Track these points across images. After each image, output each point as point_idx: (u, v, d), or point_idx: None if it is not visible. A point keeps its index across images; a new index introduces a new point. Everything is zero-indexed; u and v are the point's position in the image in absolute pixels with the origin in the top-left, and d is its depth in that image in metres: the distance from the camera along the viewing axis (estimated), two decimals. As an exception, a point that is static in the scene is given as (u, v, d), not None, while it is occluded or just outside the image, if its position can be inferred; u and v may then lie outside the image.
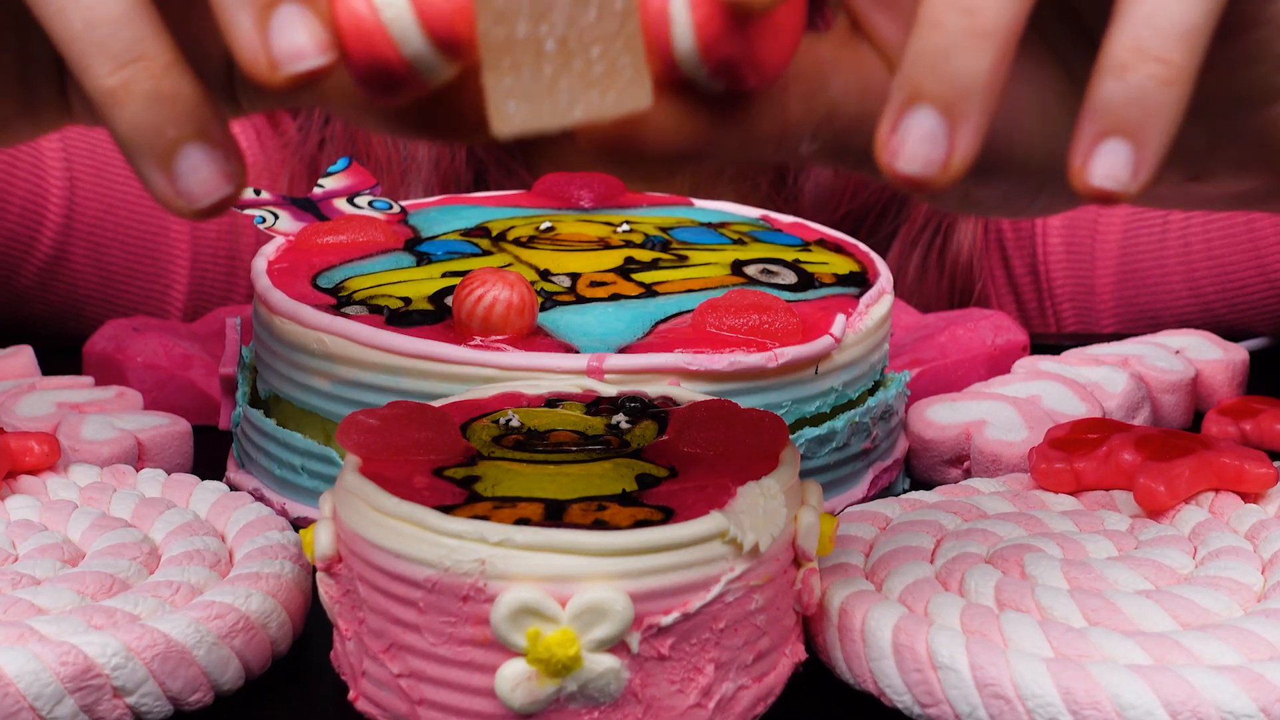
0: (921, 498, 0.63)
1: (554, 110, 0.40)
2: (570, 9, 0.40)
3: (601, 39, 0.40)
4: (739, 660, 0.52)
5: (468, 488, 0.52)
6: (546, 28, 0.40)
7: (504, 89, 0.40)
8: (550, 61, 0.40)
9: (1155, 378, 0.75)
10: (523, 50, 0.40)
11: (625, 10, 0.40)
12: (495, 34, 0.40)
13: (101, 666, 0.52)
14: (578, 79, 0.40)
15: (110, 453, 0.68)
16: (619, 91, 0.40)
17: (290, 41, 0.40)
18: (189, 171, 0.42)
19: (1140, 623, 0.54)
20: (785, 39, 0.41)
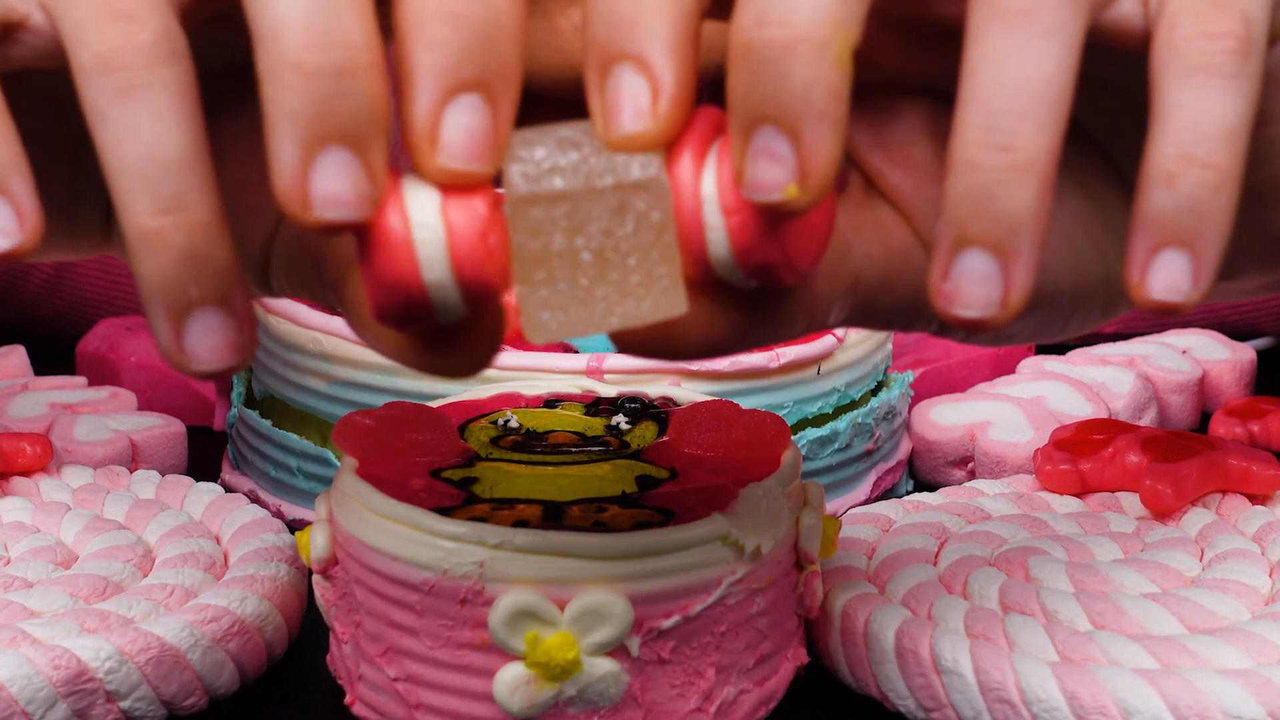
0: (925, 499, 0.63)
1: (589, 320, 0.40)
2: (607, 222, 0.40)
3: (637, 250, 0.40)
4: (740, 664, 0.52)
5: (465, 489, 0.52)
6: (582, 240, 0.40)
7: (538, 300, 0.40)
8: (586, 273, 0.40)
9: (1162, 378, 0.75)
10: (558, 262, 0.40)
11: (661, 223, 0.40)
12: (531, 246, 0.40)
13: (95, 670, 0.52)
14: (613, 289, 0.40)
15: (104, 454, 0.68)
16: (654, 300, 0.40)
17: (331, 186, 0.39)
18: (199, 334, 0.41)
19: (1146, 626, 0.54)
20: (819, 235, 0.42)
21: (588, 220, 0.40)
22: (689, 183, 0.40)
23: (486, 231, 0.40)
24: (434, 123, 0.39)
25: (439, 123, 0.39)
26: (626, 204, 0.40)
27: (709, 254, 0.41)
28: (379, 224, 0.40)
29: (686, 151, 0.40)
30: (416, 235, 0.40)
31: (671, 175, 0.40)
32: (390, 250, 0.40)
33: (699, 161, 0.40)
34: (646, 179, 0.40)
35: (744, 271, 0.41)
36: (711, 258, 0.41)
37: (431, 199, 0.40)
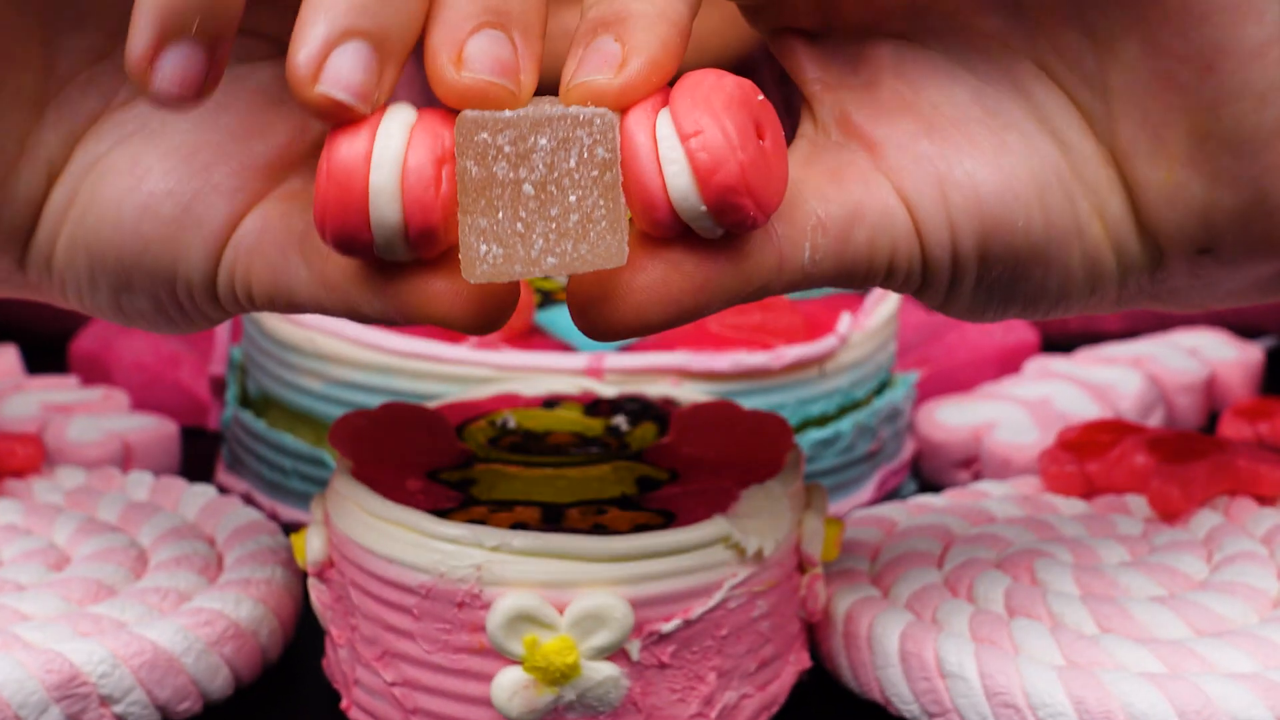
0: (929, 501, 0.63)
1: (527, 257, 0.41)
2: (551, 154, 0.41)
3: (579, 187, 0.41)
4: (742, 668, 0.52)
5: (463, 491, 0.52)
6: (525, 170, 0.41)
7: (477, 229, 0.41)
8: (526, 207, 0.41)
9: (1169, 378, 0.75)
10: (500, 191, 0.41)
11: (606, 160, 0.41)
12: (474, 172, 0.41)
13: (88, 675, 0.52)
14: (553, 227, 0.41)
15: (97, 455, 0.68)
16: (592, 244, 0.41)
17: (345, 69, 0.41)
18: (177, 60, 0.41)
19: (1154, 630, 0.54)
20: (776, 172, 0.43)
21: (532, 149, 0.41)
22: (645, 127, 0.42)
23: (442, 160, 0.41)
24: (459, 45, 0.41)
25: (464, 45, 0.41)
26: (572, 136, 0.41)
27: (670, 194, 0.42)
28: (337, 161, 0.42)
29: (643, 104, 0.42)
30: (378, 143, 0.41)
31: (626, 123, 0.42)
32: (349, 148, 0.41)
33: (653, 111, 0.42)
34: (594, 113, 0.41)
35: (707, 202, 0.42)
36: (673, 196, 0.42)
37: (405, 118, 0.42)
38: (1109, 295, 0.47)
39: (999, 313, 0.48)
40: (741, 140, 0.42)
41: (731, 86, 0.42)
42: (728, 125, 0.41)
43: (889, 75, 0.46)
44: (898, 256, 0.45)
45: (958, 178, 0.45)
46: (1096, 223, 0.46)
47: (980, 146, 0.45)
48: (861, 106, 0.46)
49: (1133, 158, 0.45)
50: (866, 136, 0.46)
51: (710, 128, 0.41)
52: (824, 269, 0.45)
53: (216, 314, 0.47)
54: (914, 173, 0.45)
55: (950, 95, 0.46)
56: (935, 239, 0.45)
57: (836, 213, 0.45)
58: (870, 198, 0.45)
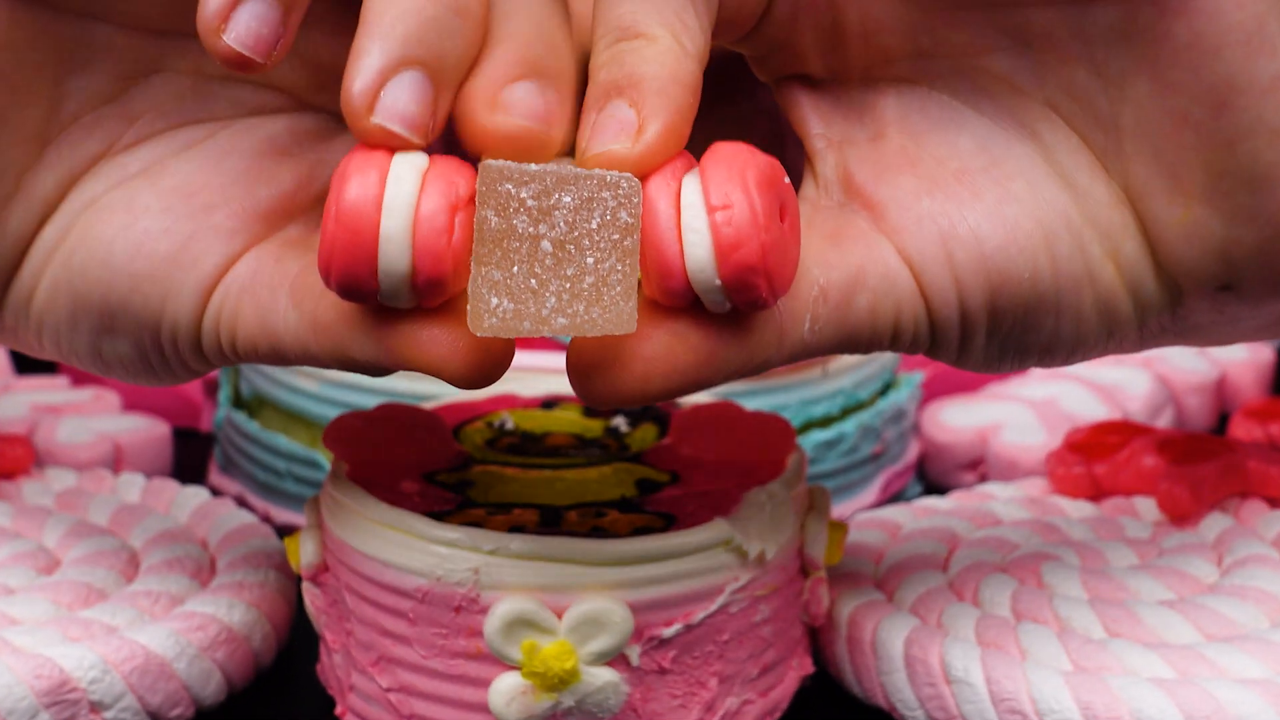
0: (935, 504, 0.63)
1: (537, 314, 0.41)
2: (574, 213, 0.41)
3: (598, 249, 0.41)
4: (744, 674, 0.52)
5: (460, 493, 0.52)
6: (546, 226, 0.41)
7: (490, 282, 0.41)
8: (542, 264, 0.41)
9: (1178, 378, 0.75)
10: (518, 245, 0.41)
11: (628, 225, 0.41)
12: (494, 223, 0.41)
13: (78, 680, 0.52)
14: (567, 287, 0.41)
15: (87, 456, 0.68)
16: (604, 309, 0.41)
17: (401, 100, 0.41)
18: (250, 16, 0.42)
19: (1163, 634, 0.54)
20: (791, 251, 0.43)
21: (555, 206, 0.40)
22: (668, 193, 0.42)
23: (455, 208, 0.41)
24: (497, 91, 0.42)
25: (502, 92, 0.42)
26: (596, 197, 0.41)
27: (687, 264, 0.42)
28: (358, 167, 0.41)
29: (664, 169, 0.42)
30: (389, 188, 0.41)
31: (649, 189, 0.42)
32: (359, 190, 0.41)
33: (677, 178, 0.42)
34: (621, 177, 0.41)
35: (723, 277, 0.42)
36: (689, 267, 0.42)
37: (417, 163, 0.41)
38: (1129, 337, 0.47)
39: (1016, 364, 0.47)
40: (767, 221, 0.42)
41: (764, 165, 0.42)
42: (757, 203, 0.41)
43: (893, 128, 0.46)
44: (903, 319, 0.45)
45: (961, 234, 0.45)
46: (1110, 267, 0.46)
47: (984, 199, 0.45)
48: (864, 164, 0.46)
49: (1147, 197, 0.45)
50: (868, 197, 0.46)
51: (740, 203, 0.41)
52: (824, 338, 0.45)
53: (197, 364, 0.47)
54: (916, 233, 0.45)
55: (954, 145, 0.46)
56: (941, 299, 0.45)
57: (837, 279, 0.45)
58: (872, 261, 0.45)
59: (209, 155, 0.47)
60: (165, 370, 0.47)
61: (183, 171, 0.46)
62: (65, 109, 0.46)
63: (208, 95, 0.47)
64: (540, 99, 0.42)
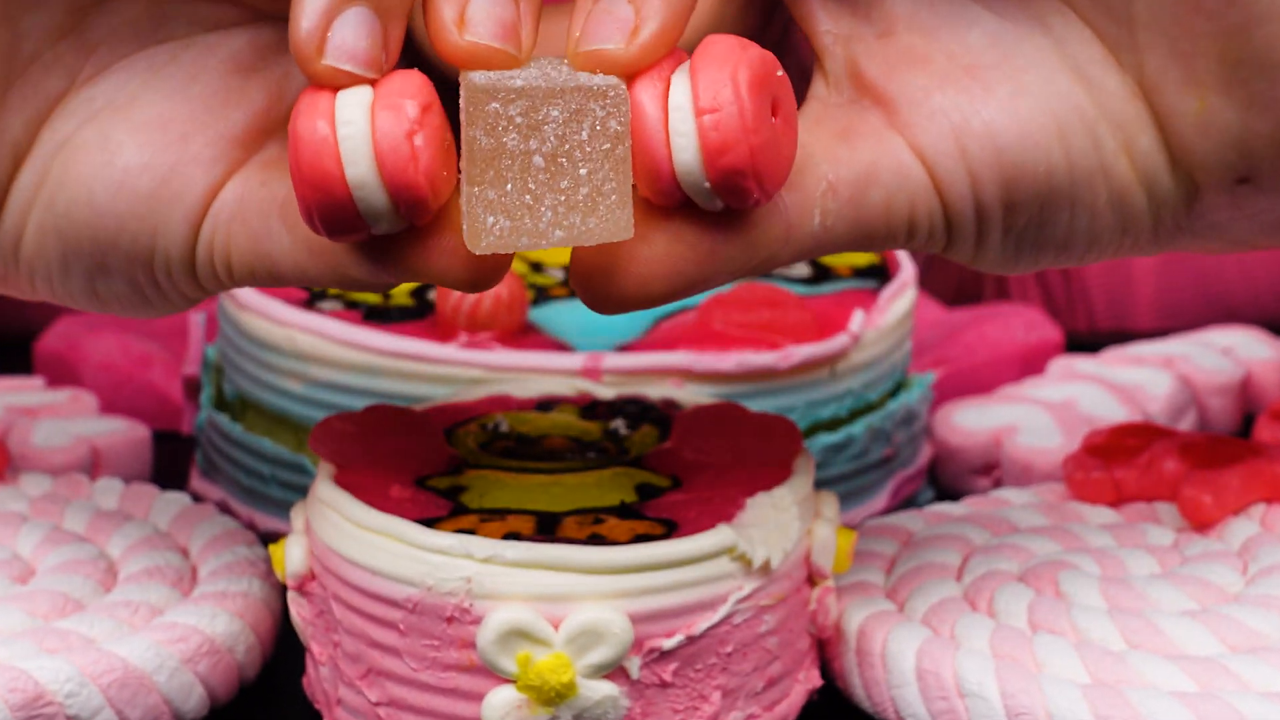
0: (947, 510, 0.63)
1: (534, 229, 0.42)
2: (563, 126, 0.42)
3: (590, 160, 0.42)
4: (748, 687, 0.52)
5: (452, 499, 0.52)
6: (536, 142, 0.42)
7: (484, 201, 0.42)
8: (535, 178, 0.42)
9: (1202, 379, 0.75)
10: (509, 163, 0.42)
11: (618, 134, 0.42)
12: (484, 143, 0.42)
13: (54, 694, 0.52)
14: (562, 200, 0.42)
15: (63, 461, 0.68)
16: (600, 218, 0.42)
17: (349, 37, 0.42)
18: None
19: (1185, 646, 0.54)
20: (784, 150, 0.44)
21: (544, 121, 0.42)
22: (655, 94, 0.43)
23: (413, 132, 0.42)
24: (461, 4, 0.43)
25: (466, 4, 0.43)
26: (584, 108, 0.42)
27: (675, 167, 0.43)
28: (305, 123, 0.42)
29: (652, 71, 0.43)
30: (341, 132, 0.42)
31: (636, 90, 0.43)
32: (315, 147, 0.42)
33: (664, 78, 0.43)
34: (607, 85, 0.42)
35: (711, 180, 0.43)
36: (677, 169, 0.43)
37: (361, 99, 0.43)
38: (1143, 234, 0.48)
39: (1031, 262, 0.48)
40: (756, 122, 0.43)
41: (756, 60, 0.43)
42: (746, 105, 0.42)
43: (902, 25, 0.47)
44: (917, 214, 0.46)
45: (975, 128, 0.46)
46: (1124, 159, 0.47)
47: (997, 93, 0.46)
48: (874, 61, 0.47)
49: (1162, 89, 0.46)
50: (879, 93, 0.47)
51: (728, 105, 0.42)
52: (837, 233, 0.46)
53: (195, 292, 0.48)
54: (929, 128, 0.46)
55: (966, 41, 0.47)
56: (956, 193, 0.46)
57: (848, 175, 0.46)
58: (884, 157, 0.46)
59: (176, 82, 0.47)
60: (163, 302, 0.48)
61: (152, 102, 0.47)
62: (22, 49, 0.46)
63: (163, 16, 0.47)
64: (505, 8, 0.43)
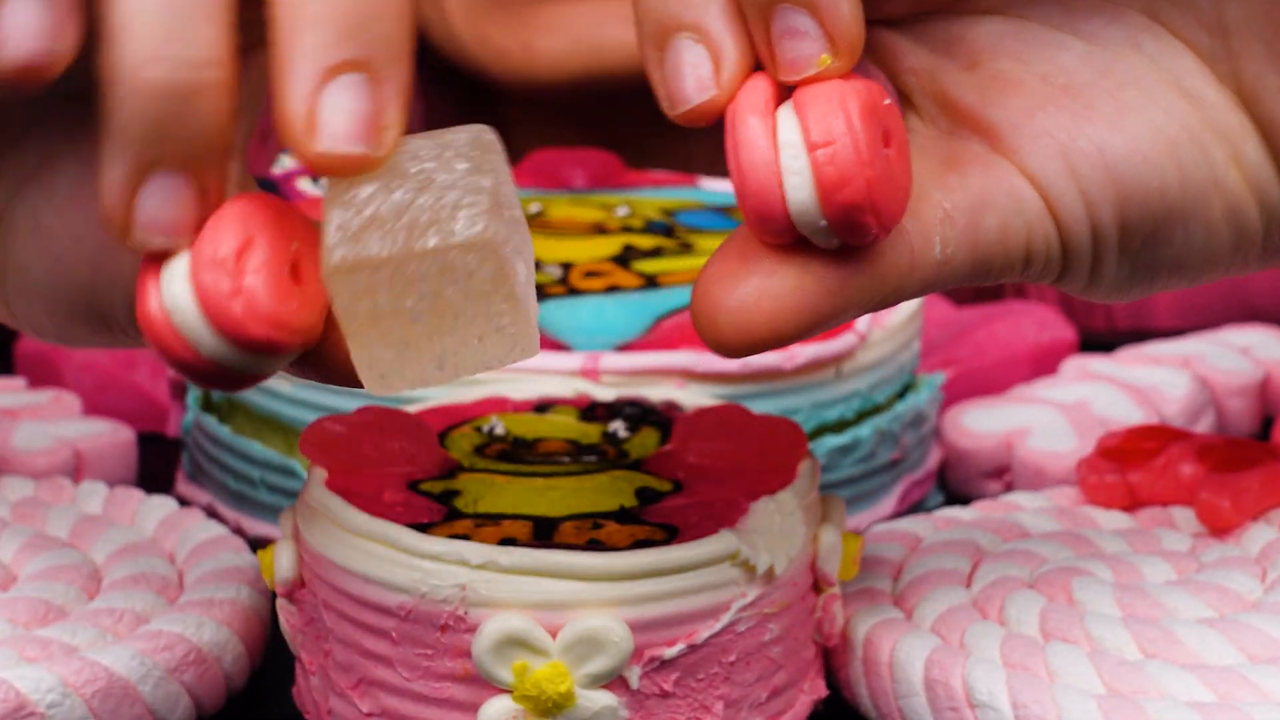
0: (957, 515, 0.63)
1: (432, 374, 0.42)
2: (435, 283, 0.41)
3: (473, 303, 0.41)
4: (752, 697, 0.52)
5: (446, 504, 0.53)
6: (411, 301, 0.41)
7: (370, 359, 0.42)
8: (419, 331, 0.41)
9: (1220, 379, 0.75)
10: (388, 323, 0.41)
11: (495, 277, 0.41)
12: (354, 310, 0.41)
13: (35, 704, 0.52)
14: (454, 342, 0.42)
15: (45, 464, 0.68)
16: (500, 347, 0.42)
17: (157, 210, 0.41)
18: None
19: (1202, 655, 0.54)
20: (900, 181, 0.43)
21: (412, 281, 0.41)
22: (762, 134, 0.42)
23: (234, 292, 0.41)
24: (312, 106, 0.40)
25: (317, 105, 0.40)
26: (454, 264, 0.41)
27: (788, 206, 0.42)
28: (141, 308, 0.42)
29: (751, 106, 0.43)
30: (174, 318, 0.41)
31: (739, 132, 0.42)
32: (157, 330, 0.42)
33: (768, 113, 0.42)
34: (472, 238, 0.41)
35: (828, 216, 0.42)
36: (792, 208, 0.42)
37: (182, 270, 0.42)
38: (1253, 249, 0.48)
39: (1145, 286, 0.48)
40: (870, 154, 0.42)
41: (864, 90, 0.43)
42: (860, 136, 0.42)
43: (988, 54, 0.47)
44: (1034, 241, 0.46)
45: (1083, 148, 0.46)
46: (1234, 172, 0.47)
47: (1100, 111, 0.46)
48: (966, 91, 0.47)
49: (1261, 95, 0.46)
50: (978, 121, 0.47)
51: (842, 138, 0.42)
52: (956, 264, 0.46)
53: None
54: (1036, 151, 0.46)
55: (1057, 63, 0.47)
56: (1071, 216, 0.46)
57: (963, 202, 0.45)
58: (995, 183, 0.46)
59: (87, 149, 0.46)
60: None
61: (68, 175, 0.46)
62: None
63: None
64: (362, 99, 0.41)
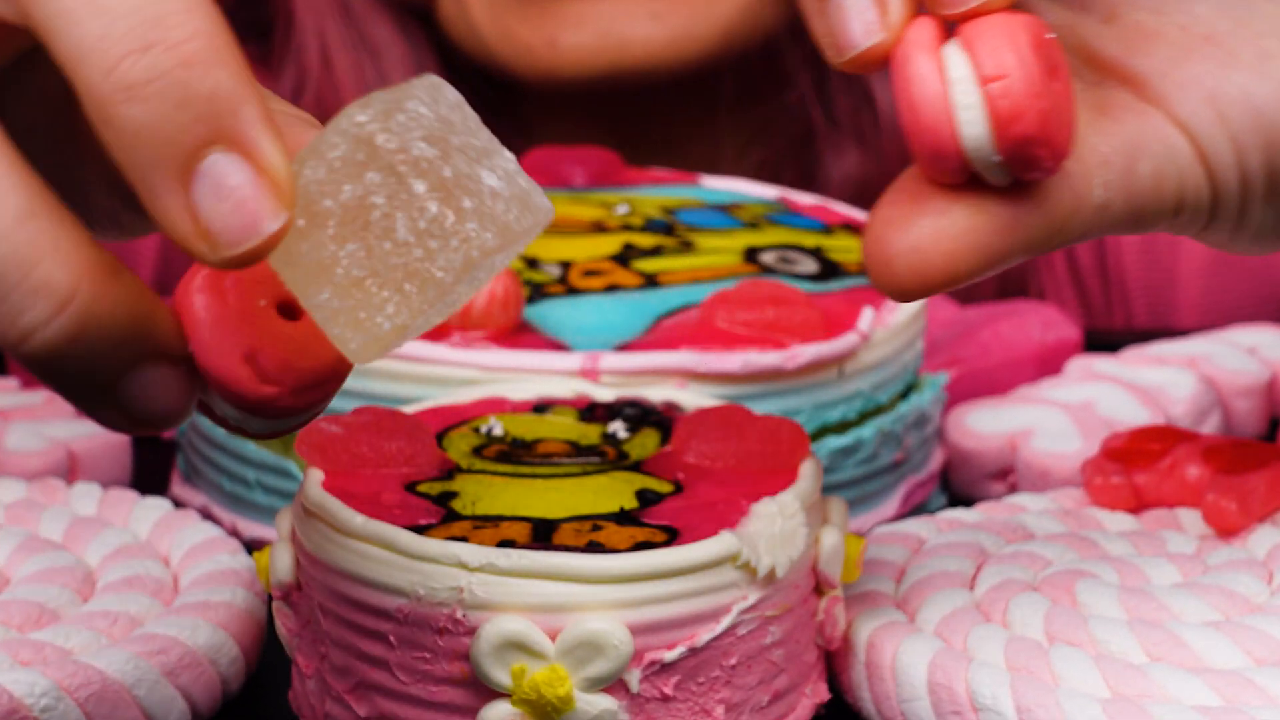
0: (960, 516, 0.63)
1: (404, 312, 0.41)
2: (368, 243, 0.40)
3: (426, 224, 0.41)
4: (753, 701, 0.52)
5: (444, 505, 0.53)
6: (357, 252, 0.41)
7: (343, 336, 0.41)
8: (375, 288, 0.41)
9: (1226, 380, 0.75)
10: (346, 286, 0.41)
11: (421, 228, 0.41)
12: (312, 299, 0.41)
13: (29, 708, 0.52)
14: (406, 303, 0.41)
15: (39, 465, 0.68)
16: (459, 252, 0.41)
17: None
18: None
19: (1208, 658, 0.54)
20: (1067, 113, 0.44)
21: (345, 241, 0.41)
22: (933, 71, 0.43)
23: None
24: (190, 214, 0.38)
25: (194, 206, 0.38)
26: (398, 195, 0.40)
27: (962, 142, 0.43)
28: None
29: (919, 44, 0.43)
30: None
31: (910, 70, 0.43)
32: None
33: (935, 51, 0.43)
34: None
35: (1002, 150, 0.43)
36: (965, 144, 0.43)
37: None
38: None
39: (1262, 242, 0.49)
40: (1043, 86, 0.43)
41: (1030, 23, 0.44)
42: (1032, 69, 0.43)
43: (1124, 6, 0.48)
44: (1185, 188, 0.47)
45: (1230, 94, 0.47)
46: None
47: (1242, 57, 0.47)
48: (1108, 42, 0.48)
49: None
50: (1123, 71, 0.48)
51: (1015, 71, 0.43)
52: (1115, 209, 0.47)
53: None
54: (1184, 98, 0.47)
55: (1194, 14, 0.48)
56: (1222, 162, 0.47)
57: (1118, 146, 0.46)
58: (1147, 130, 0.47)
59: None
60: None
61: None
62: None
63: None
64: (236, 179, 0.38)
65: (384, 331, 0.41)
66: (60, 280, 0.39)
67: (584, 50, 0.84)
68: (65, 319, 0.39)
